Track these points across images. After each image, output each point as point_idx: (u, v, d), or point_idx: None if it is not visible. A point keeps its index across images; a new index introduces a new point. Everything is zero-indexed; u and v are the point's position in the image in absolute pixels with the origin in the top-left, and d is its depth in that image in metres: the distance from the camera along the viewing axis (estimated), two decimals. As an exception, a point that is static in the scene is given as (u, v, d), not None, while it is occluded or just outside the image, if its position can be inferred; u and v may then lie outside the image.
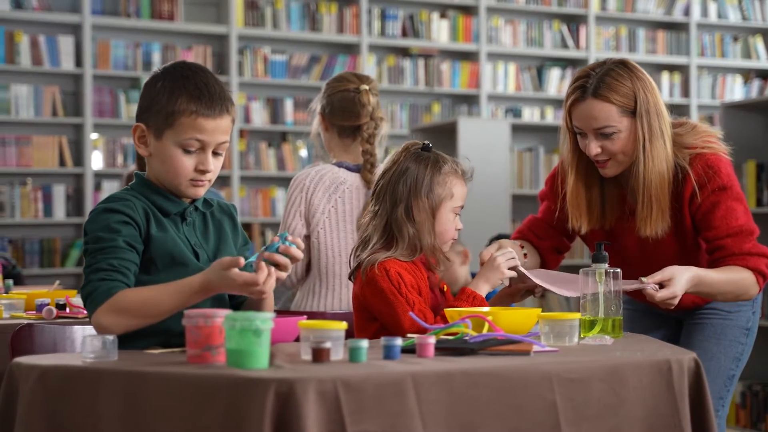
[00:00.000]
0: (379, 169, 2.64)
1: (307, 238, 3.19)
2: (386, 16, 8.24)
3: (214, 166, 2.26)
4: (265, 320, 1.84)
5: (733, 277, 2.66)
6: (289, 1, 7.96)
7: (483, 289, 2.59)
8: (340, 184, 3.18)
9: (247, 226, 7.76)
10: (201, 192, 2.28)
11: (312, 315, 3.04)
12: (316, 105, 3.37)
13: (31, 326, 2.60)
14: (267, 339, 1.84)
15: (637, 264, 2.75)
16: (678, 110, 9.18)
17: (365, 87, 3.26)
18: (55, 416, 1.90)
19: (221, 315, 1.90)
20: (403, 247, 2.54)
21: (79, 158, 7.31)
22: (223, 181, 7.74)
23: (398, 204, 2.54)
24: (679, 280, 2.55)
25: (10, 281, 4.46)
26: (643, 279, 2.56)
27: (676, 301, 2.56)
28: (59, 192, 7.26)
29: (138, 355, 2.05)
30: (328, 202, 3.17)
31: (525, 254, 2.84)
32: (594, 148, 2.66)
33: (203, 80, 2.23)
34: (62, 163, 7.25)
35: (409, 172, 2.56)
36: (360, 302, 2.57)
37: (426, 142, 2.63)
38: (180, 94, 2.21)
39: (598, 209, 2.78)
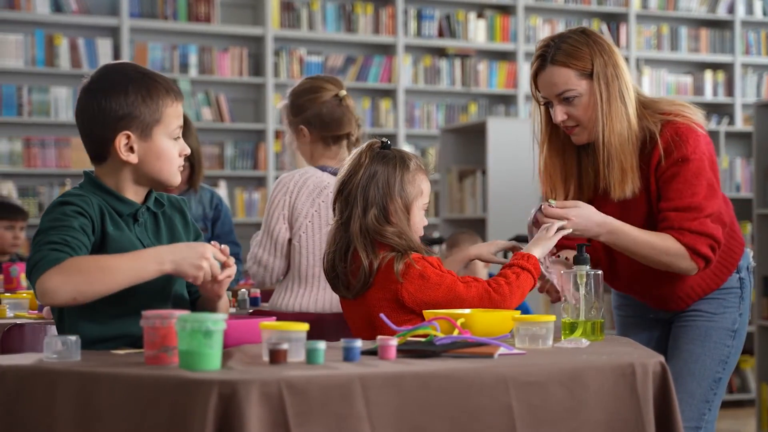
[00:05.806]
0: (341, 171, 2.60)
1: (290, 242, 3.21)
2: (422, 17, 8.23)
3: None
4: (216, 321, 1.85)
5: (657, 243, 2.65)
6: (325, 2, 7.99)
7: (536, 252, 2.58)
8: (323, 188, 3.18)
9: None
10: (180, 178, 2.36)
11: (307, 316, 3.06)
12: (288, 117, 3.40)
13: (22, 326, 2.64)
14: (218, 340, 1.85)
15: None
16: (722, 109, 9.05)
17: (344, 92, 3.30)
18: (11, 416, 1.92)
19: (177, 316, 1.91)
20: (395, 244, 2.51)
21: (117, 159, 7.40)
22: (258, 181, 7.79)
23: (369, 208, 2.51)
24: (582, 207, 2.61)
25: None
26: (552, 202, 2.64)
27: (568, 221, 2.59)
28: (97, 193, 7.35)
29: (99, 356, 2.06)
30: (312, 206, 3.17)
31: None
32: (560, 114, 2.71)
33: (154, 73, 2.32)
34: (100, 164, 7.34)
35: (379, 175, 2.53)
36: (408, 303, 2.50)
37: (384, 139, 2.62)
38: (156, 90, 2.28)
39: (575, 180, 2.79)
